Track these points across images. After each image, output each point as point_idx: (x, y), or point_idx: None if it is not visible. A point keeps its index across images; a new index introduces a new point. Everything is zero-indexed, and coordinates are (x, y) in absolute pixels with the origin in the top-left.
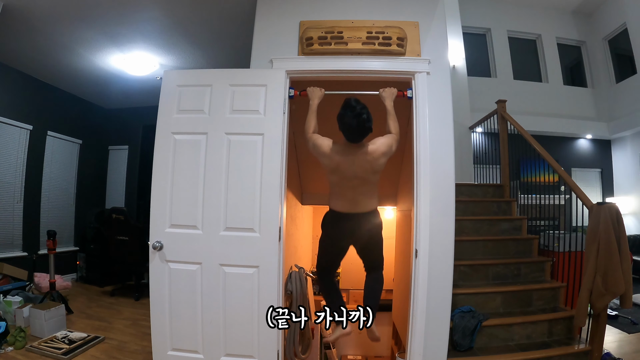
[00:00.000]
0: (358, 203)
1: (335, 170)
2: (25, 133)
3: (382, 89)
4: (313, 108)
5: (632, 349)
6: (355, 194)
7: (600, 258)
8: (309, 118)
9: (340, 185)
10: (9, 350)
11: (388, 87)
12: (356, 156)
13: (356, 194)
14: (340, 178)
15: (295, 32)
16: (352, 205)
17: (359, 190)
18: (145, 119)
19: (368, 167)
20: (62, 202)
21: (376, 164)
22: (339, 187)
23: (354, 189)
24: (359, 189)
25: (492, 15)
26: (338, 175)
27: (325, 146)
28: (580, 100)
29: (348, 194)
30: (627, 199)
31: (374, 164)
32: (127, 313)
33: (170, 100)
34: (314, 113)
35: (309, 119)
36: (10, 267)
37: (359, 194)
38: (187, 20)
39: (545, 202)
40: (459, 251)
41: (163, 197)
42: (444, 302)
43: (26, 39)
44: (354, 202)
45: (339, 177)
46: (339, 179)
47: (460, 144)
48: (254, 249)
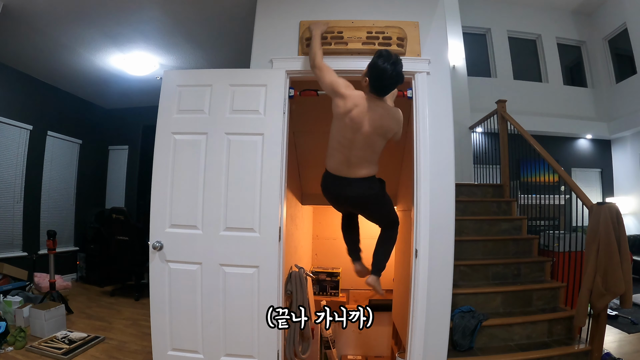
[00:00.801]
0: (353, 166)
1: (344, 116)
2: (25, 133)
3: None
4: (317, 38)
5: (632, 349)
6: (353, 154)
7: (600, 258)
8: (315, 46)
9: (342, 138)
10: (9, 350)
11: None
12: (373, 111)
13: (354, 155)
14: (345, 129)
15: (295, 32)
16: (347, 166)
17: (358, 151)
18: (145, 119)
19: (379, 126)
20: (62, 202)
21: (386, 125)
22: (338, 140)
23: (354, 148)
24: (359, 151)
25: (492, 15)
26: (344, 124)
27: (342, 84)
28: (580, 100)
29: (345, 151)
30: (627, 199)
31: (384, 124)
32: (127, 313)
33: (170, 100)
34: (318, 41)
35: (314, 46)
36: (10, 267)
37: (356, 156)
38: (187, 20)
39: (545, 202)
40: (459, 251)
41: (163, 197)
42: (444, 302)
43: (26, 39)
44: (348, 163)
45: (344, 126)
46: (343, 129)
47: (460, 144)
48: (254, 249)
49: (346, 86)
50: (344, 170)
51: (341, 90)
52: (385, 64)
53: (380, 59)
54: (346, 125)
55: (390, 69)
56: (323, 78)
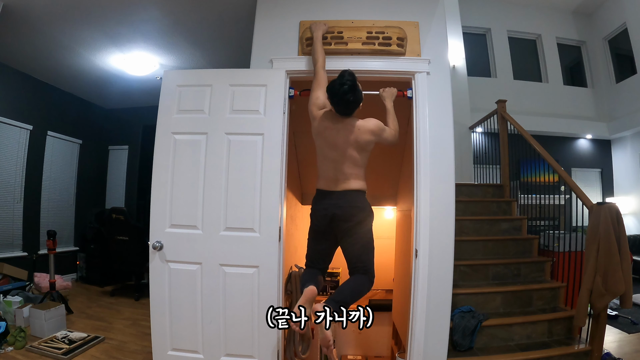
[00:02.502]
0: (338, 180)
1: (320, 134)
2: (25, 133)
3: (382, 89)
4: (319, 40)
5: (632, 349)
6: (337, 169)
7: (600, 258)
8: (317, 49)
9: (323, 157)
10: (9, 350)
11: (388, 87)
12: (343, 125)
13: (337, 170)
14: (323, 145)
15: (295, 32)
16: (333, 181)
17: (340, 165)
18: (145, 119)
19: (352, 139)
20: (62, 202)
21: (361, 139)
22: (321, 159)
23: (336, 162)
24: (340, 165)
25: (492, 15)
26: (321, 141)
27: (320, 102)
28: (580, 100)
29: (330, 168)
30: (627, 199)
31: (359, 139)
32: (127, 313)
33: (170, 100)
34: (320, 43)
35: (316, 49)
36: (10, 267)
37: (340, 171)
38: (187, 20)
39: (545, 202)
40: (459, 251)
41: (163, 197)
42: (444, 302)
43: (26, 39)
44: (334, 179)
45: (322, 143)
46: (322, 146)
47: (460, 144)
48: (254, 249)
49: (323, 104)
50: (332, 186)
51: (314, 112)
52: (335, 83)
53: (336, 79)
54: (323, 143)
55: (338, 88)
56: (311, 90)
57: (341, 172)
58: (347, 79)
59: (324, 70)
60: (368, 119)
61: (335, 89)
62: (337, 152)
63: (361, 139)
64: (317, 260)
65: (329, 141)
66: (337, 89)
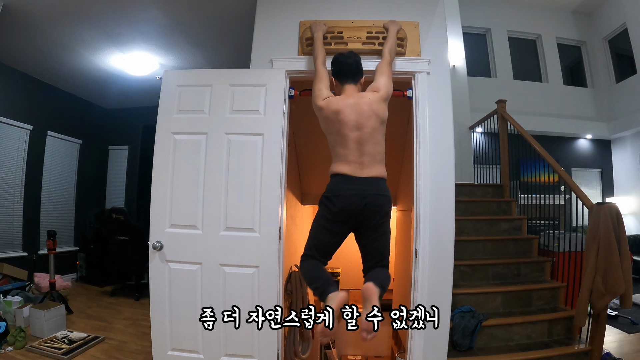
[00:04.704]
0: (364, 164)
1: (335, 119)
2: (25, 133)
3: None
4: (319, 39)
5: (632, 349)
6: (361, 150)
7: (600, 258)
8: (317, 47)
9: (343, 139)
10: (9, 350)
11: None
12: (354, 100)
13: (361, 151)
14: (341, 129)
15: (295, 32)
16: (358, 165)
17: (365, 146)
18: (145, 119)
19: (368, 109)
20: (62, 202)
21: (379, 107)
22: (341, 145)
23: (360, 144)
24: (365, 145)
25: (492, 15)
26: (338, 126)
27: (324, 94)
28: (580, 100)
29: (353, 152)
30: (627, 199)
31: (377, 106)
32: (127, 313)
33: (170, 100)
34: (321, 42)
35: (317, 47)
36: (10, 267)
37: (364, 152)
38: (187, 20)
39: (545, 202)
40: (459, 251)
41: (163, 197)
42: (444, 302)
43: (26, 39)
44: (359, 162)
45: (340, 128)
46: (339, 131)
47: (460, 144)
48: (254, 249)
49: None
50: (357, 171)
51: (318, 103)
52: (337, 55)
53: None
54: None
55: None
56: (313, 86)
57: (366, 153)
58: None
59: (325, 66)
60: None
61: (338, 57)
62: (359, 131)
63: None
64: (324, 253)
65: (347, 121)
66: (339, 57)
